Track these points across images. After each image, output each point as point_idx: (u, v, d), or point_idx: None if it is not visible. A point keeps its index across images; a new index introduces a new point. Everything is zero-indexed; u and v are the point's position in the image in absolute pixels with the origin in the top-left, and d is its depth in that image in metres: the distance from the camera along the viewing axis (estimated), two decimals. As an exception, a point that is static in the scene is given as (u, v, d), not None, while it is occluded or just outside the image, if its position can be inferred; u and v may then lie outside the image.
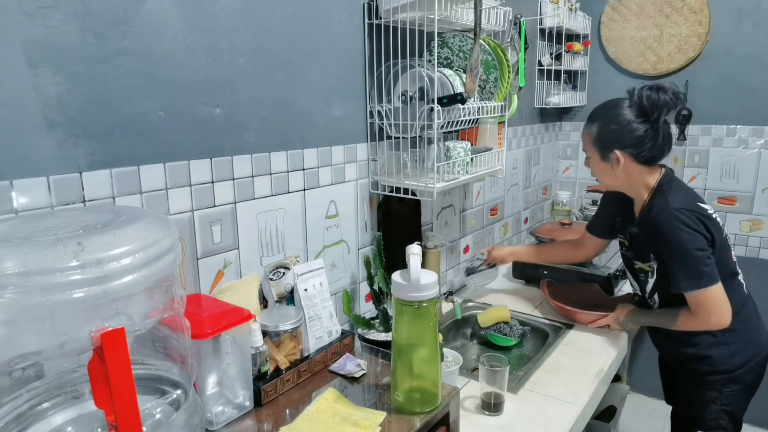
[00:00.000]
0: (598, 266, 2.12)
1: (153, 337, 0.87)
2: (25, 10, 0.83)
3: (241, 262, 1.23)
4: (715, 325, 1.48)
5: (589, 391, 1.42)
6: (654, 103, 1.45)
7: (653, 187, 1.54)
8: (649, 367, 2.93)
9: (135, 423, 0.67)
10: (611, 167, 1.54)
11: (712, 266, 1.44)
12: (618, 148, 1.50)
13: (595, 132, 1.54)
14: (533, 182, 2.73)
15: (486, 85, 1.63)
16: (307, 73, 1.32)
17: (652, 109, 1.45)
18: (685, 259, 1.44)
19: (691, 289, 1.45)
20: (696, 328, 1.52)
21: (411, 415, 1.02)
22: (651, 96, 1.45)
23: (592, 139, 1.56)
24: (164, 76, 1.03)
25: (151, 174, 1.03)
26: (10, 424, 0.77)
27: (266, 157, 1.25)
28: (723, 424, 1.59)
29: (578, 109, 2.93)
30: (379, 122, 1.51)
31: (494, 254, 1.95)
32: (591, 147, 1.58)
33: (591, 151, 1.59)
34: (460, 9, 1.45)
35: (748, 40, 2.45)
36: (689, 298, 1.47)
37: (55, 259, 0.63)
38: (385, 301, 1.47)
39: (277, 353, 1.12)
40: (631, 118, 1.49)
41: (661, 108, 1.45)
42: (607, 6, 2.74)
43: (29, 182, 0.87)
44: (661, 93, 1.45)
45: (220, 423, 0.98)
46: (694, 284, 1.44)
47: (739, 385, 1.57)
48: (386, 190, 1.55)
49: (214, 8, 1.10)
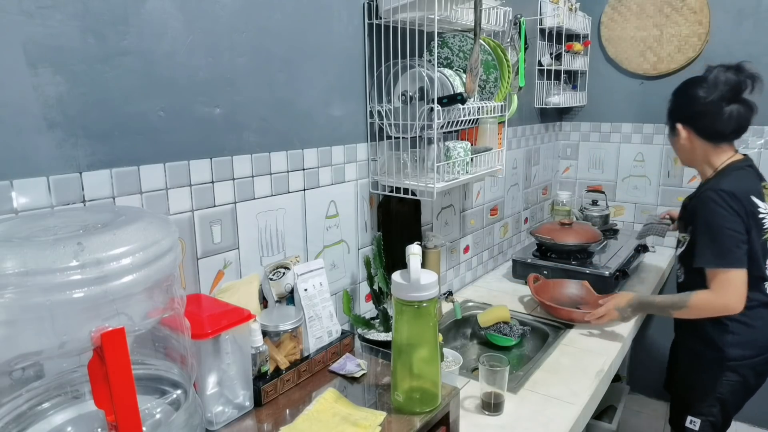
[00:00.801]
0: (598, 266, 2.13)
1: (153, 337, 0.87)
2: (25, 10, 0.83)
3: (241, 262, 1.23)
4: (730, 309, 1.50)
5: (589, 391, 1.42)
6: (719, 81, 1.52)
7: (718, 168, 1.60)
8: (649, 367, 2.94)
9: (135, 423, 0.67)
10: (678, 140, 1.65)
11: (742, 252, 1.47)
12: (680, 121, 1.62)
13: (668, 105, 1.67)
14: (533, 182, 2.73)
15: (486, 85, 1.63)
16: (307, 73, 1.32)
17: (716, 86, 1.52)
18: (715, 236, 1.49)
19: (714, 266, 1.49)
20: (708, 312, 1.54)
21: (411, 415, 1.02)
22: (718, 74, 1.53)
23: (667, 113, 1.68)
24: (164, 76, 1.03)
25: (151, 174, 1.03)
26: (10, 424, 0.77)
27: (266, 157, 1.25)
28: (714, 412, 1.62)
29: (578, 109, 2.93)
30: (379, 122, 1.51)
31: (671, 213, 2.05)
32: (667, 120, 1.70)
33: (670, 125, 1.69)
34: (460, 9, 1.45)
35: (748, 40, 2.45)
36: (711, 275, 1.51)
37: (55, 259, 0.63)
38: (385, 301, 1.47)
39: (277, 353, 1.12)
40: (696, 93, 1.56)
41: (728, 86, 1.51)
42: (607, 6, 2.74)
43: (29, 182, 0.87)
44: (732, 72, 1.53)
45: (220, 423, 0.98)
46: (719, 262, 1.48)
47: (738, 377, 1.59)
48: (386, 190, 1.55)
49: (214, 8, 1.10)
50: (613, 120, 2.87)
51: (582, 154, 2.99)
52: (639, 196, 2.85)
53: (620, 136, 2.86)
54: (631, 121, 2.82)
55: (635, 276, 2.33)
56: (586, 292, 1.98)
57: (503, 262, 2.51)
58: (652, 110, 2.72)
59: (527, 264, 2.20)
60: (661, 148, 2.75)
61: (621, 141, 2.87)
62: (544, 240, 2.23)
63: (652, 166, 2.80)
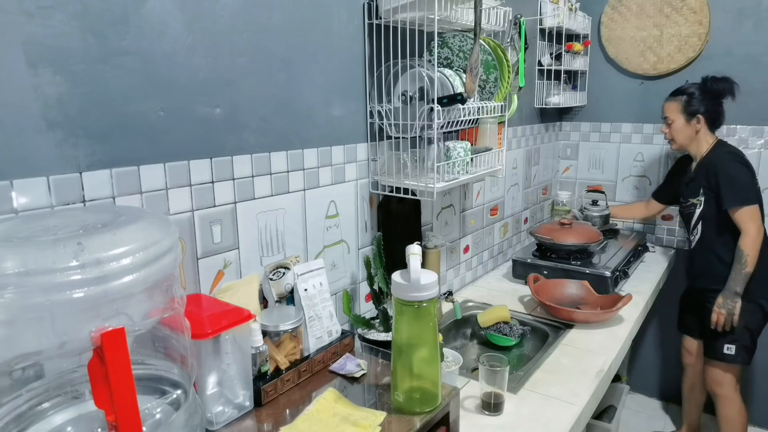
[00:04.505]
0: (598, 266, 2.13)
1: (153, 337, 0.86)
2: (25, 10, 0.83)
3: (241, 262, 1.23)
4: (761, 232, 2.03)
5: (589, 391, 1.42)
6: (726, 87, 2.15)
7: (711, 144, 2.20)
8: (649, 367, 2.94)
9: (135, 423, 0.67)
10: (688, 126, 2.19)
11: (754, 194, 2.06)
12: (703, 114, 2.16)
13: (688, 99, 2.18)
14: (533, 182, 2.73)
15: (486, 85, 1.63)
16: (307, 72, 1.32)
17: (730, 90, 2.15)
18: (734, 182, 2.06)
19: (738, 205, 2.04)
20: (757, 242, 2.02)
21: (411, 415, 1.02)
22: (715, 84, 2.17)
23: (680, 107, 2.19)
24: (164, 76, 1.03)
25: (151, 174, 1.03)
26: (10, 424, 0.77)
27: (266, 157, 1.25)
28: (745, 338, 2.11)
29: (578, 109, 2.93)
30: (379, 122, 1.51)
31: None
32: (677, 113, 2.20)
33: (676, 117, 2.21)
34: (460, 9, 1.45)
35: (748, 40, 2.45)
36: (737, 215, 2.04)
37: (55, 259, 0.63)
38: (385, 301, 1.47)
39: (277, 353, 1.12)
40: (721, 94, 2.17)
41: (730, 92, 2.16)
42: (607, 6, 2.74)
43: (29, 182, 0.87)
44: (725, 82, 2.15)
45: (220, 423, 0.98)
46: (740, 201, 2.04)
47: (756, 306, 2.10)
48: (386, 190, 1.55)
49: (214, 8, 1.10)
50: (613, 120, 2.87)
51: (582, 154, 2.99)
52: (639, 196, 2.85)
53: (620, 136, 2.86)
54: (631, 121, 2.82)
55: (635, 276, 2.33)
56: (586, 292, 1.98)
57: (503, 262, 2.51)
58: (652, 110, 2.71)
59: (527, 264, 2.20)
60: (661, 148, 2.75)
61: (621, 141, 2.87)
62: (544, 240, 2.23)
63: (652, 166, 2.80)
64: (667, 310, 2.69)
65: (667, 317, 2.74)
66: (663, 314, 2.80)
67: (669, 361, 2.86)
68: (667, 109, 2.24)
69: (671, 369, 2.83)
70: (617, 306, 1.81)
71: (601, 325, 1.80)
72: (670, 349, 2.81)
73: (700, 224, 2.20)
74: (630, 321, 1.84)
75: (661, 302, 2.56)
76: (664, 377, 2.92)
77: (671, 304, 2.57)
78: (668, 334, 2.79)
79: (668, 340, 2.82)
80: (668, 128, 2.25)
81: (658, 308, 2.71)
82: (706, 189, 2.15)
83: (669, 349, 2.82)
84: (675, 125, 2.22)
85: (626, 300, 1.82)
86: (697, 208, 2.19)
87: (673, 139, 2.26)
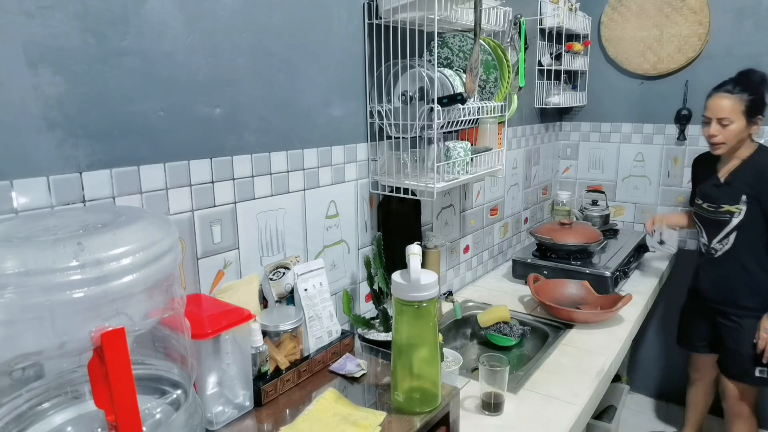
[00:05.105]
0: (598, 266, 2.13)
1: (153, 337, 0.86)
2: (25, 10, 0.83)
3: (241, 262, 1.23)
4: None
5: (589, 391, 1.42)
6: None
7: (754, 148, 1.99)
8: (649, 367, 2.94)
9: (135, 423, 0.67)
10: (748, 128, 1.92)
11: None
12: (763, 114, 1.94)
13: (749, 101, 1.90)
14: (533, 182, 2.73)
15: (486, 85, 1.63)
16: (307, 72, 1.32)
17: None
18: None
19: None
20: None
21: (411, 415, 1.02)
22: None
23: (744, 107, 1.90)
24: (164, 76, 1.03)
25: (151, 174, 1.03)
26: (10, 424, 0.77)
27: (266, 157, 1.25)
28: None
29: (578, 109, 2.93)
30: (379, 122, 1.51)
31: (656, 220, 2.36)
32: (739, 114, 1.90)
33: (737, 117, 1.90)
34: (460, 9, 1.45)
35: (748, 40, 2.45)
36: None
37: (55, 259, 0.63)
38: (385, 301, 1.47)
39: (277, 353, 1.12)
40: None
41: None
42: (607, 6, 2.74)
43: (29, 182, 0.87)
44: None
45: (220, 423, 0.98)
46: None
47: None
48: (386, 190, 1.55)
49: (214, 8, 1.10)
50: (613, 120, 2.87)
51: (582, 154, 2.99)
52: (639, 196, 2.85)
53: (620, 136, 2.86)
54: (631, 121, 2.82)
55: (635, 276, 2.33)
56: (586, 292, 1.98)
57: (503, 262, 2.51)
58: (652, 110, 2.72)
59: (527, 264, 2.20)
60: (661, 148, 2.75)
61: (621, 141, 2.86)
62: (544, 240, 2.23)
63: (652, 166, 2.80)
64: (668, 310, 2.69)
65: (668, 317, 2.74)
66: (663, 314, 2.80)
67: (669, 361, 2.86)
68: (724, 109, 1.90)
69: (671, 369, 2.83)
70: (617, 306, 1.81)
71: (601, 325, 1.80)
72: (670, 349, 2.80)
73: (734, 234, 2.01)
74: (630, 321, 1.84)
75: (661, 302, 2.56)
76: (664, 377, 2.92)
77: (671, 304, 2.57)
78: (668, 334, 2.79)
79: (668, 340, 2.81)
80: (722, 130, 1.92)
81: (658, 308, 2.71)
82: (750, 197, 1.93)
83: (669, 349, 2.82)
84: (733, 127, 1.90)
85: (626, 300, 1.82)
86: (735, 217, 1.98)
87: (724, 143, 1.94)
